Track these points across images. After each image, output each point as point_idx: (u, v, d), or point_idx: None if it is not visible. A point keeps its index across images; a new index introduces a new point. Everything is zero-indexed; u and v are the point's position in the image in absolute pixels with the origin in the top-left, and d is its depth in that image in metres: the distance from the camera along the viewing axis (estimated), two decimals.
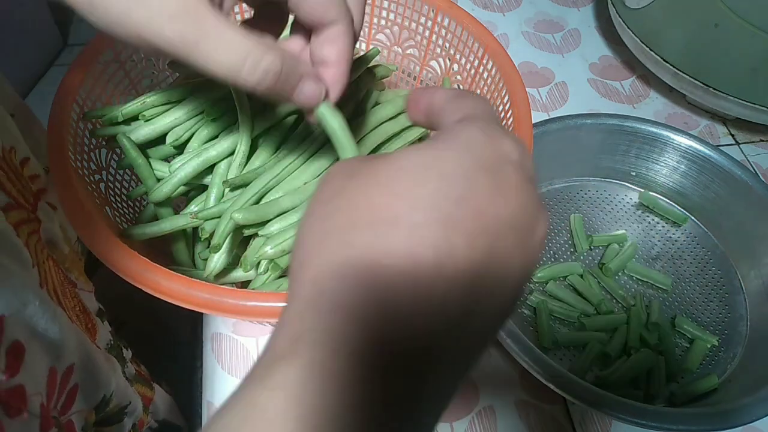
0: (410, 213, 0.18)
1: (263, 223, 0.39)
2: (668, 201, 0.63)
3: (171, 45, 0.23)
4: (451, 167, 0.19)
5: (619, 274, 0.58)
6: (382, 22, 0.53)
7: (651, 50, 0.68)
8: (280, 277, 0.41)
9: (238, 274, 0.43)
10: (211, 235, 0.39)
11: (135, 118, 0.44)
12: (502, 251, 0.19)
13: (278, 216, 0.39)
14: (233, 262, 0.42)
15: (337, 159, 0.42)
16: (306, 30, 0.32)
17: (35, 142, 0.39)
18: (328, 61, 0.30)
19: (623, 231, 0.61)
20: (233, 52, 0.24)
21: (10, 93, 0.39)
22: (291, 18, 0.33)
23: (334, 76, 0.31)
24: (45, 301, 0.24)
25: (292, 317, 0.18)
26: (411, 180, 0.19)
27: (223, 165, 0.43)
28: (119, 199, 0.45)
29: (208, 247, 0.41)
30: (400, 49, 0.54)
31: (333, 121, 0.32)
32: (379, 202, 0.19)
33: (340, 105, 0.32)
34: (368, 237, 0.18)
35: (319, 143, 0.42)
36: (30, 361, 0.22)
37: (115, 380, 0.31)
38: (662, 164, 0.63)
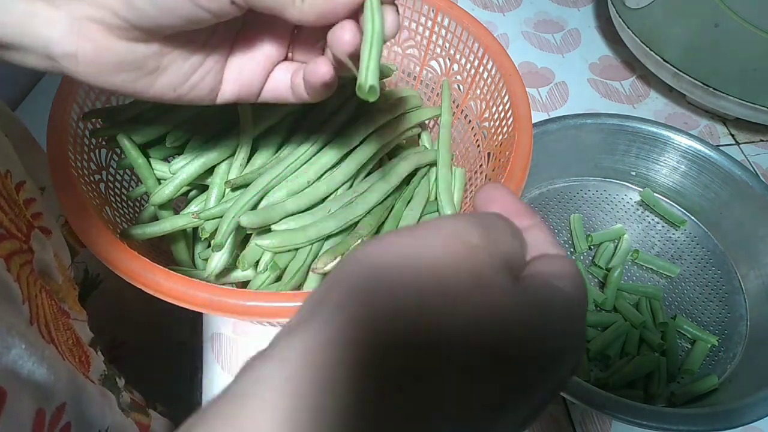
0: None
1: (268, 227, 0.39)
2: (668, 201, 0.63)
3: None
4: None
5: (627, 265, 0.58)
6: None
7: (651, 50, 0.68)
8: (279, 276, 0.41)
9: (239, 274, 0.43)
10: (212, 235, 0.39)
11: (135, 118, 0.44)
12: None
13: (282, 219, 0.39)
14: (234, 262, 0.42)
15: (341, 157, 0.42)
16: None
17: (31, 158, 0.39)
18: None
19: (620, 225, 0.61)
20: None
21: (3, 109, 0.39)
22: None
23: None
24: (32, 341, 0.24)
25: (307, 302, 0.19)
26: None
27: (223, 165, 0.43)
28: (119, 199, 0.45)
29: (209, 247, 0.41)
30: (400, 49, 0.54)
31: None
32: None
33: (341, 105, 0.31)
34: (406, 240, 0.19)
35: (321, 143, 0.42)
36: (12, 407, 0.21)
37: (111, 416, 0.31)
38: (662, 164, 0.63)
